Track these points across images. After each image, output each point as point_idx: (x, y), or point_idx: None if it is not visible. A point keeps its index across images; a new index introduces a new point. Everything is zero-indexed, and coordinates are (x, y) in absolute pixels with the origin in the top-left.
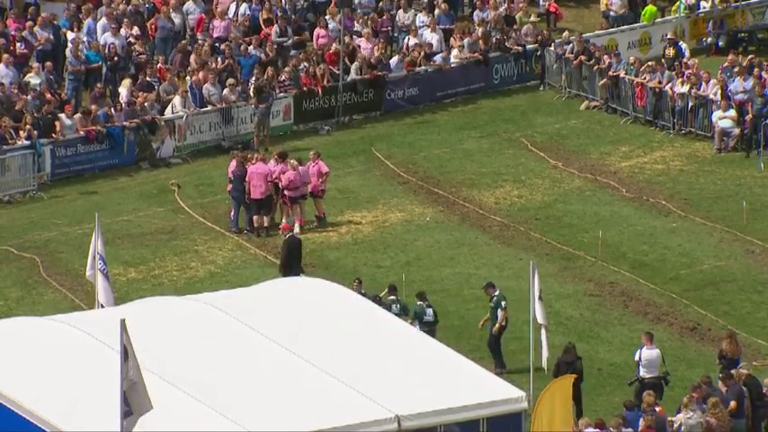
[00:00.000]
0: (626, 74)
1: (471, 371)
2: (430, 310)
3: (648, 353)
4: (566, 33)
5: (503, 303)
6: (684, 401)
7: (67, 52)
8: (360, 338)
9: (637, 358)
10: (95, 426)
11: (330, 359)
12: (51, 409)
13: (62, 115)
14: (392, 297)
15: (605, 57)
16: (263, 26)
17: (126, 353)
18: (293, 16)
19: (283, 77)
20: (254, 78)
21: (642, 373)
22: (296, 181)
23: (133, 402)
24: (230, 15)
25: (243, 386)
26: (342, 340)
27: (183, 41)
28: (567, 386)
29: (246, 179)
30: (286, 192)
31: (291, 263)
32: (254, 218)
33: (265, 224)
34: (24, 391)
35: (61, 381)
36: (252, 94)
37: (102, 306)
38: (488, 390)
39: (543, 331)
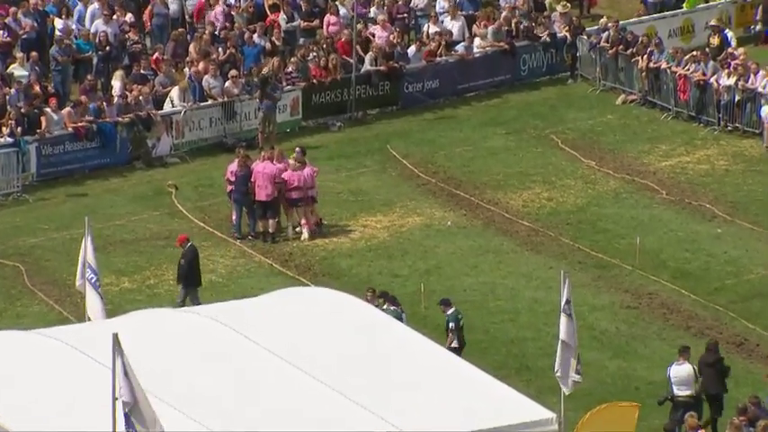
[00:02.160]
0: (667, 65)
1: (497, 390)
2: (452, 324)
3: (678, 369)
4: (602, 20)
5: (451, 325)
6: (733, 424)
7: (55, 41)
8: (374, 355)
9: (667, 375)
10: None
11: (342, 378)
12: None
13: (48, 110)
14: (392, 308)
15: (644, 46)
16: (268, 12)
17: (124, 371)
18: (300, 2)
19: (290, 68)
20: (261, 69)
21: (675, 391)
22: (304, 181)
23: (138, 426)
24: (232, 1)
25: (246, 406)
26: (354, 357)
27: (179, 30)
28: (630, 418)
29: (251, 180)
30: (293, 194)
31: (193, 275)
32: (260, 222)
33: (271, 229)
34: (7, 412)
35: (48, 401)
36: (256, 86)
37: (91, 319)
38: (516, 411)
39: (560, 348)
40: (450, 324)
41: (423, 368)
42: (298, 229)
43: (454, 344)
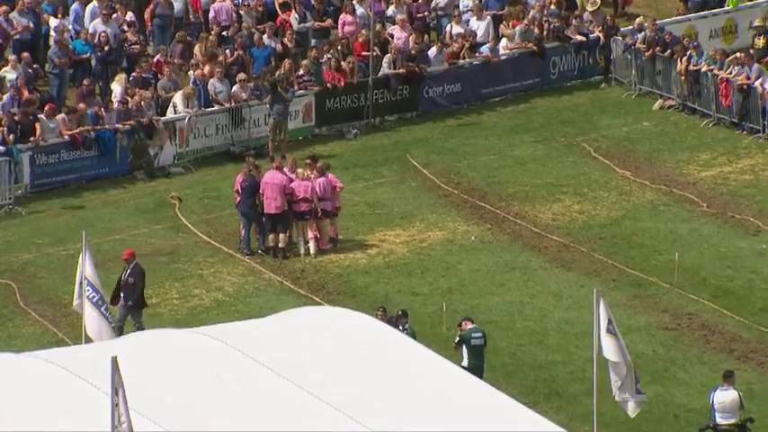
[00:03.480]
0: (708, 68)
1: (525, 417)
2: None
3: (722, 395)
4: (637, 20)
5: (454, 341)
6: None
7: (51, 42)
8: (391, 379)
9: (710, 401)
10: None
11: (358, 403)
12: None
13: (43, 116)
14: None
15: (683, 47)
16: (279, 11)
17: (117, 395)
18: (313, 0)
19: (303, 72)
20: (272, 72)
21: (718, 418)
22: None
23: None
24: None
25: None
26: (371, 381)
27: (182, 32)
28: None
29: (260, 191)
30: (300, 206)
31: (142, 295)
32: (269, 236)
33: (282, 244)
34: None
35: (42, 428)
36: (267, 90)
37: (92, 341)
38: None
39: (612, 372)
40: (455, 340)
41: (444, 393)
42: (309, 245)
43: (465, 362)
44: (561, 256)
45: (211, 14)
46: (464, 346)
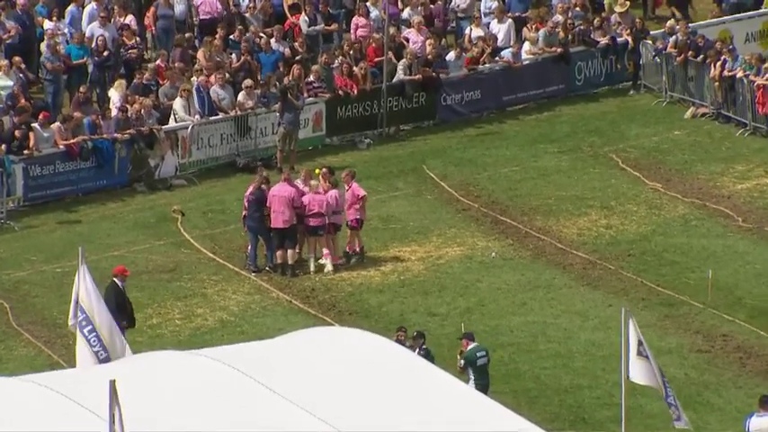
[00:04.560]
0: (744, 73)
1: None
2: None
3: (758, 421)
4: (669, 22)
5: (461, 362)
6: None
7: (43, 46)
8: (408, 405)
9: (746, 428)
10: None
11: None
12: None
13: (37, 125)
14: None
15: (717, 52)
16: (287, 14)
17: (114, 422)
18: (321, 2)
19: (312, 78)
20: (281, 79)
21: None
22: (332, 206)
23: None
24: (246, 1)
25: None
26: (386, 407)
27: (180, 36)
28: None
29: (267, 204)
30: (312, 221)
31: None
32: (277, 252)
33: (290, 260)
34: None
35: None
36: (276, 98)
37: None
38: None
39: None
40: (461, 362)
41: (466, 421)
42: (321, 261)
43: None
44: (587, 274)
45: (203, 14)
46: (469, 368)
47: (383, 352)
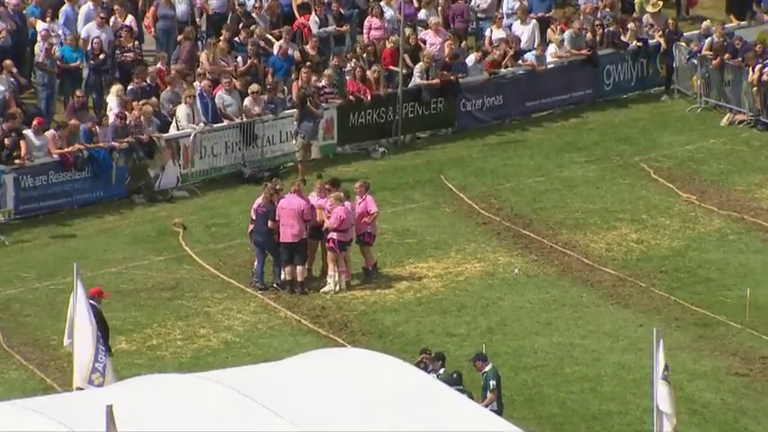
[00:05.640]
0: None
1: None
2: (492, 382)
3: None
4: (704, 23)
5: (491, 383)
6: None
7: (36, 48)
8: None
9: None
10: None
11: None
12: None
13: (29, 132)
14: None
15: (756, 55)
16: (296, 14)
17: None
18: (334, 2)
19: (325, 83)
20: (297, 83)
21: None
22: (348, 220)
23: None
24: (252, 0)
25: None
26: None
27: (190, 28)
28: None
29: (276, 218)
30: (335, 235)
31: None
32: (286, 269)
33: (300, 277)
34: None
35: None
36: (293, 105)
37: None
38: None
39: (666, 423)
40: (491, 383)
41: None
42: (336, 279)
43: (492, 406)
44: (617, 292)
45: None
46: (488, 389)
47: (398, 375)
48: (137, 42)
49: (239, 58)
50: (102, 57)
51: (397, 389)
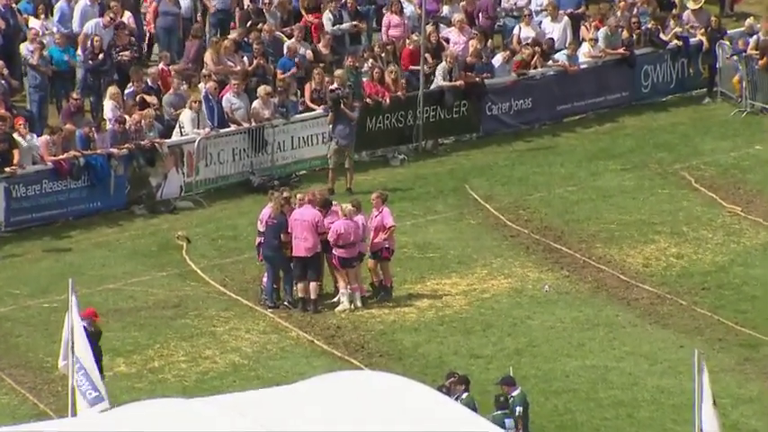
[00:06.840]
0: None
1: None
2: (509, 421)
3: None
4: (748, 21)
5: (518, 409)
6: None
7: (23, 48)
8: None
9: None
10: None
11: None
12: None
13: (20, 138)
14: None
15: None
16: (303, 12)
17: None
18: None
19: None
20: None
21: None
22: (348, 234)
23: None
24: None
25: None
26: None
27: (198, 24)
28: None
29: (288, 230)
30: (336, 251)
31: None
32: (298, 285)
33: (313, 294)
34: None
35: None
36: (327, 107)
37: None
38: None
39: None
40: (518, 409)
41: None
42: (350, 296)
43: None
44: (655, 311)
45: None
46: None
47: (419, 400)
48: (134, 40)
49: (245, 58)
50: (101, 57)
51: (418, 415)
